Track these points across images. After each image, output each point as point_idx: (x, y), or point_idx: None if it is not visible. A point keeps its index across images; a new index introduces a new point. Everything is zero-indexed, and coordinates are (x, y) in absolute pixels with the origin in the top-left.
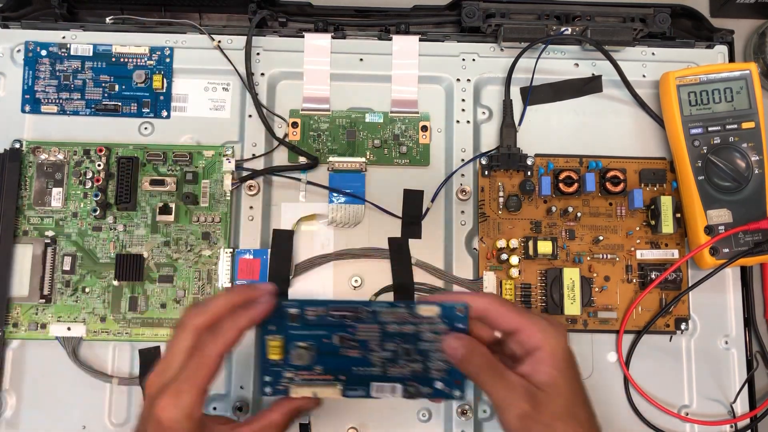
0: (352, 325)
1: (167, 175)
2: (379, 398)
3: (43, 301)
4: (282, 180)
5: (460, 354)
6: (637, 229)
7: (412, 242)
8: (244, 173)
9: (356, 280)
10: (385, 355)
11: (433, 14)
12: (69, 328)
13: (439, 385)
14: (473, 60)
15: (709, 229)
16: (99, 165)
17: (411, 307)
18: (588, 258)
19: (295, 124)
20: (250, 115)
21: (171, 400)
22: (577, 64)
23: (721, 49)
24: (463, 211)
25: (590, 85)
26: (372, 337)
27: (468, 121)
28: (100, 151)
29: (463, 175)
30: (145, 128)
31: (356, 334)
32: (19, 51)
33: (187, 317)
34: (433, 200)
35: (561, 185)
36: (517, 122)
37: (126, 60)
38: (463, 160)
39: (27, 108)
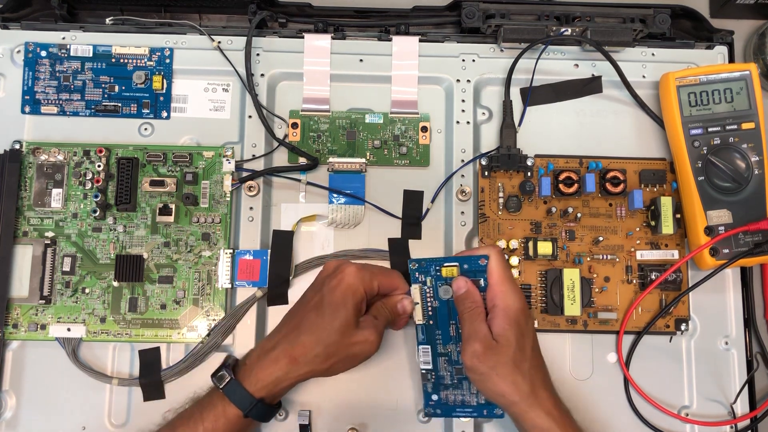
0: None
1: (167, 175)
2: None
3: (43, 301)
4: (282, 181)
5: (461, 292)
6: (637, 229)
7: (412, 243)
8: (244, 174)
9: None
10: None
11: (433, 15)
12: (69, 329)
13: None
14: (473, 61)
15: (709, 230)
16: (99, 166)
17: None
18: (588, 259)
19: (295, 125)
20: (250, 116)
21: (354, 267)
22: (576, 65)
23: (721, 50)
24: (463, 212)
25: (590, 86)
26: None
27: (468, 122)
28: (100, 151)
29: (463, 175)
30: (145, 129)
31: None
32: (19, 52)
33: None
34: (433, 201)
35: (561, 186)
36: (517, 123)
37: (126, 61)
38: (463, 160)
39: (27, 109)
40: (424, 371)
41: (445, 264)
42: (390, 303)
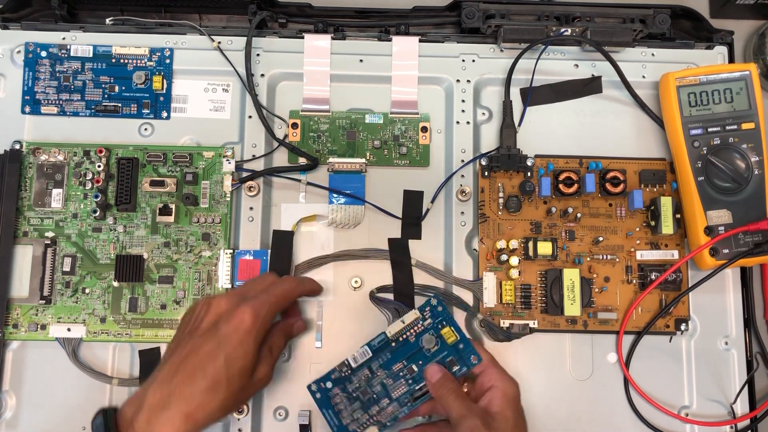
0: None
1: (167, 176)
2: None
3: (43, 302)
4: (282, 181)
5: (436, 378)
6: (637, 229)
7: (412, 243)
8: (244, 174)
9: (356, 281)
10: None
11: (432, 15)
12: (69, 329)
13: None
14: (473, 61)
15: (709, 230)
16: (99, 166)
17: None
18: (588, 259)
19: (295, 125)
20: (250, 116)
21: (251, 310)
22: (576, 65)
23: (721, 50)
24: (462, 212)
25: (590, 86)
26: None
27: (468, 122)
28: (100, 152)
29: (463, 175)
30: (145, 129)
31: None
32: (19, 52)
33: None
34: (433, 201)
35: (561, 186)
36: (517, 123)
37: (126, 61)
38: (463, 160)
39: (27, 109)
40: (346, 362)
41: (451, 326)
42: (286, 328)
